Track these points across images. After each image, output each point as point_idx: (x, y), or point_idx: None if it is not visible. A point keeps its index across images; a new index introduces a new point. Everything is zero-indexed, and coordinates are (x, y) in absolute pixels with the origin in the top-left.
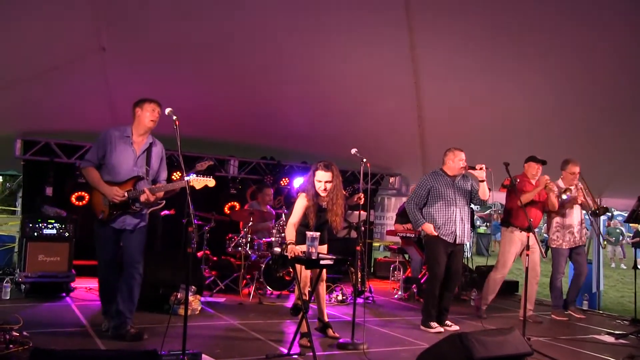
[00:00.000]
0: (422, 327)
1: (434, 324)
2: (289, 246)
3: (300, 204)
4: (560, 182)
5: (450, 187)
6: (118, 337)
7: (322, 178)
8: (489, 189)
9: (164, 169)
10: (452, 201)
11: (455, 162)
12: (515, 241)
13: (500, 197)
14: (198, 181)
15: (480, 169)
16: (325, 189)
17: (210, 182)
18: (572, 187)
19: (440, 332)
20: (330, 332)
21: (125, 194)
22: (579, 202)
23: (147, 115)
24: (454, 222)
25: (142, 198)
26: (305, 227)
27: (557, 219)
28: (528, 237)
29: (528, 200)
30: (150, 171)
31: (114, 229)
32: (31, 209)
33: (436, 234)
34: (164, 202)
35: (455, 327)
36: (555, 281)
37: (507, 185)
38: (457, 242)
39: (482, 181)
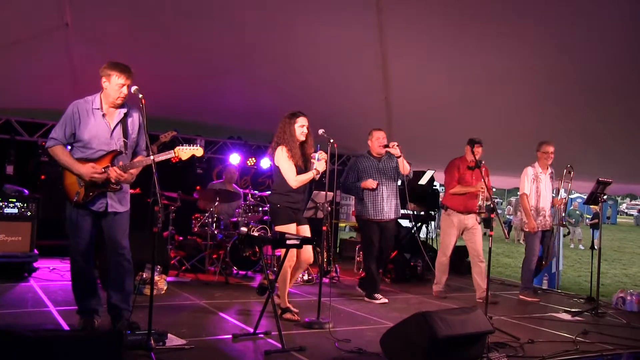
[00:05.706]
0: (366, 299)
1: (378, 296)
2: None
3: (287, 154)
4: (537, 164)
5: (375, 167)
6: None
7: (304, 122)
8: (409, 164)
9: (143, 137)
10: (377, 180)
11: (374, 142)
12: (453, 223)
13: None
14: (184, 151)
15: (393, 146)
16: (304, 133)
17: (198, 151)
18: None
19: (385, 303)
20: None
21: (104, 171)
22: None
23: (115, 89)
24: (381, 200)
25: (112, 177)
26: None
27: (531, 204)
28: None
29: (458, 192)
30: (129, 143)
31: (92, 212)
32: None
33: (375, 185)
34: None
35: (384, 300)
36: (529, 263)
37: (472, 167)
38: (385, 218)
39: (399, 157)
